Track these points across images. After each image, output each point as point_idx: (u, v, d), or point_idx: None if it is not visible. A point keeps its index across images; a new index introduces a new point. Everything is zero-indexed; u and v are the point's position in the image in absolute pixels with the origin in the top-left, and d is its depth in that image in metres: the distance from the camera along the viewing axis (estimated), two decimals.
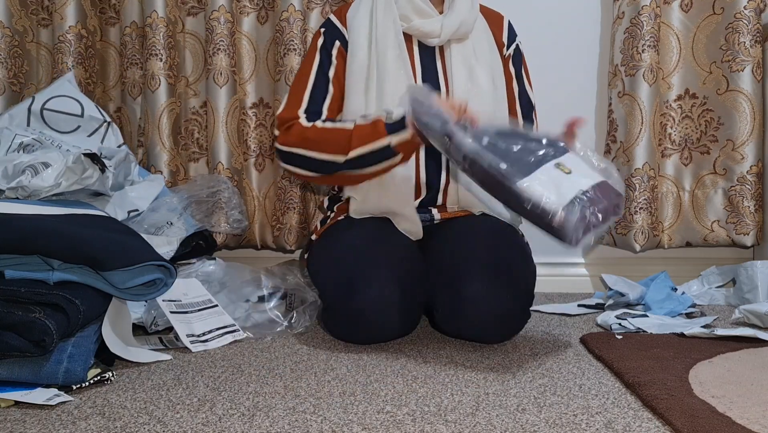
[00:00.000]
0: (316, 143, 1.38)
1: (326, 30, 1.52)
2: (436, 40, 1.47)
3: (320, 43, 1.51)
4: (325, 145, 1.37)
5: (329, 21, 1.54)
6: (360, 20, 1.49)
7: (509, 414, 0.94)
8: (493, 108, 1.46)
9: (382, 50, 1.45)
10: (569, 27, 1.96)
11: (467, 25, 1.48)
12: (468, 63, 1.47)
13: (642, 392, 0.99)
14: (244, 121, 1.93)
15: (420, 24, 1.45)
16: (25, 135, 1.48)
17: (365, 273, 1.28)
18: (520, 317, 1.31)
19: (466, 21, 1.47)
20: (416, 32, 1.47)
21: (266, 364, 1.21)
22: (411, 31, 1.47)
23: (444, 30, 1.45)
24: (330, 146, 1.36)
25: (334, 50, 1.50)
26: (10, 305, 1.03)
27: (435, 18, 1.46)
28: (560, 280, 1.96)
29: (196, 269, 1.51)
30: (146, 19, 1.90)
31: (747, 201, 1.80)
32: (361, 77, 1.46)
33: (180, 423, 0.91)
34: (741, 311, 1.48)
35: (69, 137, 1.57)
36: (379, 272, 1.28)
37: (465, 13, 1.47)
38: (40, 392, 1.01)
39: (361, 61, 1.46)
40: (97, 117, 1.61)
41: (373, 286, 1.26)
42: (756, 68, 1.78)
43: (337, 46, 1.50)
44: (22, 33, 1.92)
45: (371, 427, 0.89)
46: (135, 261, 1.15)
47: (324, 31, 1.52)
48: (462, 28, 1.47)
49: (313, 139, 1.39)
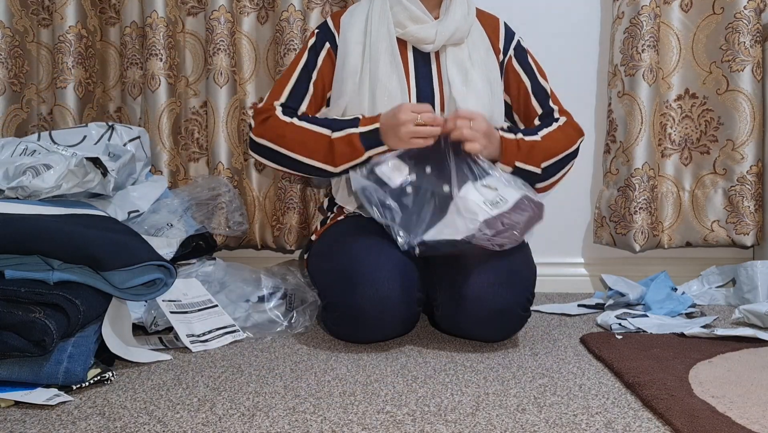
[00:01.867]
0: (293, 142, 1.41)
1: (319, 32, 1.54)
2: (430, 46, 1.47)
3: (310, 44, 1.53)
4: (302, 148, 1.40)
5: (324, 23, 1.56)
6: (354, 25, 1.51)
7: (509, 414, 0.94)
8: (490, 111, 1.46)
9: (375, 56, 1.46)
10: (569, 27, 1.96)
11: (462, 31, 1.49)
12: (463, 67, 1.48)
13: (642, 392, 0.99)
14: (244, 121, 1.93)
15: (415, 30, 1.46)
16: (31, 142, 1.49)
17: (365, 273, 1.28)
18: (521, 315, 1.31)
19: (461, 27, 1.48)
20: (411, 38, 1.48)
21: (266, 364, 1.21)
22: (406, 37, 1.48)
23: (438, 36, 1.46)
24: (307, 151, 1.40)
25: (323, 52, 1.52)
26: (10, 305, 1.03)
27: (430, 24, 1.47)
28: (560, 280, 1.96)
29: (196, 269, 1.51)
30: (146, 19, 1.90)
31: (747, 201, 1.80)
32: (354, 83, 1.47)
33: (180, 423, 0.92)
34: (741, 311, 1.48)
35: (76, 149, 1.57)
36: (378, 272, 1.28)
37: (460, 20, 1.48)
38: (40, 392, 1.01)
39: (353, 67, 1.47)
40: (100, 124, 1.62)
41: (372, 285, 1.26)
42: (756, 68, 1.78)
43: (327, 48, 1.51)
44: (23, 33, 1.92)
45: (371, 427, 0.89)
46: (135, 261, 1.15)
47: (317, 33, 1.54)
48: (457, 34, 1.48)
49: (290, 138, 1.41)
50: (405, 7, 1.47)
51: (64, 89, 1.91)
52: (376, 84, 1.44)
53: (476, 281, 1.27)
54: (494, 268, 1.29)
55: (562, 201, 1.97)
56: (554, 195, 1.95)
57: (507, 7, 1.86)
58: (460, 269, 1.29)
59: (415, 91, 1.47)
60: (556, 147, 1.47)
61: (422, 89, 1.47)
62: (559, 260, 1.98)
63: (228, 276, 1.52)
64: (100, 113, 2.03)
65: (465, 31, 1.49)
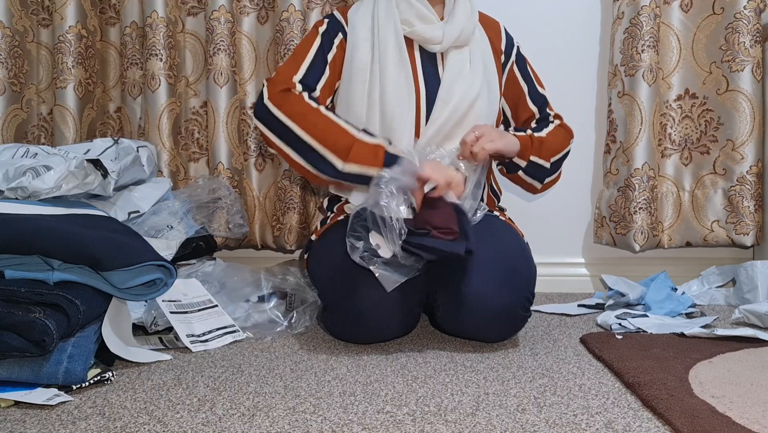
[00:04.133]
0: (311, 125, 1.32)
1: (329, 21, 1.53)
2: (437, 46, 1.47)
3: (322, 29, 1.51)
4: (322, 135, 1.31)
5: (332, 15, 1.55)
6: (361, 21, 1.50)
7: (509, 414, 0.94)
8: (487, 113, 1.47)
9: (384, 53, 1.45)
10: (569, 27, 1.96)
11: (467, 32, 1.49)
12: (464, 70, 1.48)
13: (642, 392, 0.99)
14: (245, 121, 1.93)
15: (422, 30, 1.46)
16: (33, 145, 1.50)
17: (365, 272, 1.28)
18: (521, 315, 1.31)
19: (466, 28, 1.48)
20: (418, 38, 1.47)
21: (266, 364, 1.21)
22: (413, 36, 1.47)
23: (446, 37, 1.45)
24: (326, 140, 1.31)
25: (336, 39, 1.49)
26: (10, 305, 1.03)
27: (437, 24, 1.46)
28: (560, 280, 1.96)
29: (196, 270, 1.51)
30: (146, 19, 1.90)
31: (747, 201, 1.80)
32: (364, 79, 1.45)
33: (180, 423, 0.92)
34: (741, 311, 1.48)
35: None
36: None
37: (465, 21, 1.48)
38: (40, 392, 1.01)
39: (362, 63, 1.46)
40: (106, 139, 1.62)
41: (372, 285, 1.26)
42: (756, 68, 1.78)
43: (339, 38, 1.50)
44: (23, 33, 1.92)
45: (371, 427, 0.89)
46: (135, 261, 1.15)
47: (327, 21, 1.52)
48: (462, 36, 1.48)
49: (311, 120, 1.33)
50: (411, 4, 1.46)
51: (64, 89, 1.91)
52: (386, 82, 1.43)
53: (476, 281, 1.27)
54: (494, 268, 1.29)
55: (562, 201, 1.97)
56: (554, 195, 1.95)
57: (507, 7, 1.86)
58: (460, 269, 1.29)
59: (424, 91, 1.45)
60: (560, 144, 1.54)
61: (430, 89, 1.46)
62: (559, 260, 1.98)
63: (228, 276, 1.52)
64: (100, 113, 2.03)
65: (469, 33, 1.50)
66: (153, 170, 1.69)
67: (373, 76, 1.45)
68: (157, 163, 1.79)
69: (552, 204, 1.97)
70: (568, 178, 1.95)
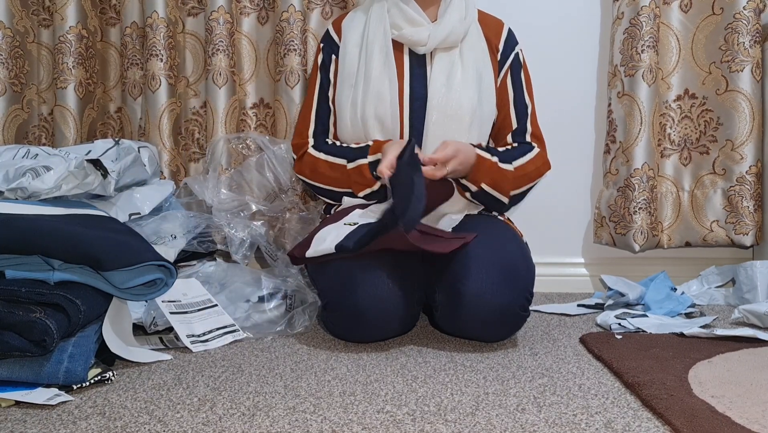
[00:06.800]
0: (322, 176, 1.52)
1: (324, 45, 1.60)
2: (423, 48, 1.50)
3: (320, 62, 1.60)
4: (329, 180, 1.51)
5: (327, 34, 1.61)
6: (354, 28, 1.56)
7: (509, 414, 0.94)
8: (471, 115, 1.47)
9: (369, 57, 1.50)
10: (569, 27, 1.96)
11: (456, 34, 1.50)
12: (450, 71, 1.49)
13: (641, 392, 1.00)
14: (244, 122, 1.93)
15: (410, 33, 1.49)
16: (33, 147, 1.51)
17: (364, 272, 1.28)
18: (520, 315, 1.31)
19: (455, 30, 1.50)
20: (405, 40, 1.51)
21: (266, 364, 1.21)
22: (401, 39, 1.51)
23: (431, 38, 1.49)
24: (336, 183, 1.50)
25: (332, 66, 1.58)
26: (10, 305, 1.03)
27: (424, 27, 1.50)
28: (560, 280, 1.96)
29: (197, 270, 1.51)
30: (146, 20, 1.90)
31: (746, 201, 1.80)
32: (351, 84, 1.52)
33: (180, 423, 0.92)
34: (740, 311, 1.49)
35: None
36: (378, 271, 1.28)
37: (455, 23, 1.50)
38: (41, 392, 1.01)
39: (351, 69, 1.53)
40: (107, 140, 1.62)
41: (372, 285, 1.26)
42: (755, 68, 1.78)
43: (334, 60, 1.58)
44: (23, 33, 1.93)
45: (371, 427, 0.90)
46: (135, 261, 1.15)
47: (323, 47, 1.60)
48: (451, 38, 1.50)
49: (321, 172, 1.52)
50: (401, 9, 1.50)
51: (64, 90, 1.91)
52: (368, 85, 1.48)
53: (475, 281, 1.27)
54: (493, 268, 1.29)
55: (562, 201, 1.97)
56: (554, 195, 1.95)
57: (507, 7, 1.86)
58: (459, 269, 1.29)
59: (408, 92, 1.50)
60: (527, 178, 1.51)
61: (415, 91, 1.50)
62: (559, 259, 1.98)
63: (228, 276, 1.52)
64: (100, 114, 2.03)
65: (460, 35, 1.51)
66: (155, 171, 1.69)
67: (358, 79, 1.51)
68: (159, 164, 1.79)
69: (551, 204, 1.97)
70: (568, 178, 1.95)
